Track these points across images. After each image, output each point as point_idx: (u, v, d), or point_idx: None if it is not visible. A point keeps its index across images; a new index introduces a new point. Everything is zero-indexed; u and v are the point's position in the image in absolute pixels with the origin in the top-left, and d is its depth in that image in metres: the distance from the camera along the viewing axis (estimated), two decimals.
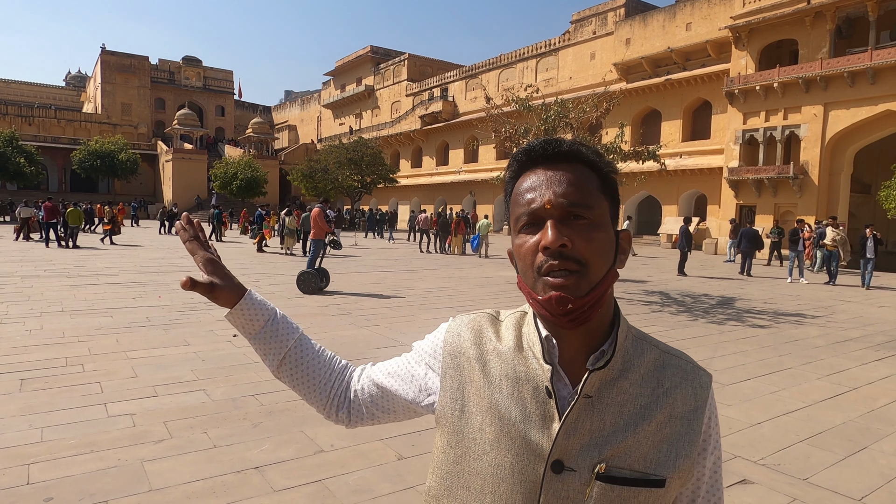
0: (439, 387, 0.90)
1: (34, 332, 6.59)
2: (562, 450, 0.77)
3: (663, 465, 0.78)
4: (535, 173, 0.81)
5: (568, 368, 0.82)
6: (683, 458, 0.79)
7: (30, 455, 3.39)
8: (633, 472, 0.77)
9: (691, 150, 29.14)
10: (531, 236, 0.78)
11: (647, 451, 0.78)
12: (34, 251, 17.15)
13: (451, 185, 42.88)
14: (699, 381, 0.84)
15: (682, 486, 0.81)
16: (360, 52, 55.65)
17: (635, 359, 0.82)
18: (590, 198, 0.79)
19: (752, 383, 5.45)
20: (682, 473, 0.79)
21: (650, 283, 13.59)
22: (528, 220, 0.79)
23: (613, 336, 0.82)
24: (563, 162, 0.81)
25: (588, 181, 0.80)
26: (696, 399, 0.82)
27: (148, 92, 58.99)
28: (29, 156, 39.69)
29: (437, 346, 0.93)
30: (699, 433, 0.81)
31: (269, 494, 3.04)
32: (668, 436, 0.79)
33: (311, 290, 10.35)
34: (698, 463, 0.82)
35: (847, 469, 3.61)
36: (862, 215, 25.78)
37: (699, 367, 0.86)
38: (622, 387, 0.80)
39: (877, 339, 7.79)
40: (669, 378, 0.83)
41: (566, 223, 0.77)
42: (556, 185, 0.78)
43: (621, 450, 0.77)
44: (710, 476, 0.85)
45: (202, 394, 4.61)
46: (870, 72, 21.42)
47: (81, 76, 77.21)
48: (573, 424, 0.78)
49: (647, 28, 31.12)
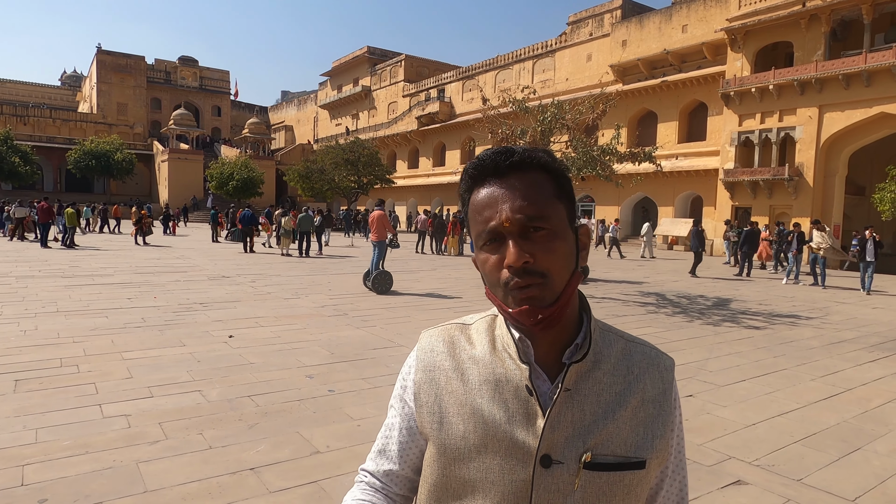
0: (415, 405, 0.89)
1: (29, 332, 6.56)
2: (549, 444, 0.79)
3: (642, 447, 0.81)
4: (489, 187, 0.81)
5: (544, 364, 0.83)
6: (659, 438, 0.83)
7: (24, 456, 3.38)
8: (617, 458, 0.80)
9: (687, 151, 29.23)
10: (493, 254, 0.80)
11: (627, 436, 0.81)
12: (28, 251, 17.08)
13: (448, 186, 42.86)
14: (664, 365, 0.88)
15: (660, 466, 0.85)
16: (356, 52, 55.62)
17: (605, 349, 0.85)
18: (546, 208, 0.79)
19: (746, 384, 5.47)
20: (660, 453, 0.83)
21: (646, 284, 13.62)
22: (489, 238, 0.80)
23: (585, 329, 0.84)
24: (516, 172, 0.81)
25: (543, 189, 0.80)
26: (664, 382, 0.86)
27: (144, 92, 58.85)
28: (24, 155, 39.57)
29: (410, 370, 0.92)
30: (670, 414, 0.85)
31: (264, 496, 3.03)
32: (643, 419, 0.83)
33: (384, 290, 10.62)
34: (669, 443, 0.86)
35: (841, 470, 3.63)
36: (856, 217, 25.91)
37: (662, 353, 0.90)
38: (597, 377, 0.83)
39: (871, 340, 7.82)
40: (637, 364, 0.86)
41: (526, 237, 0.78)
42: (511, 201, 0.78)
43: (603, 437, 0.80)
44: (675, 455, 0.88)
45: (198, 395, 4.60)
46: (864, 74, 21.54)
47: (77, 76, 76.91)
48: (556, 418, 0.80)
49: (644, 30, 31.21)
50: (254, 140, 51.96)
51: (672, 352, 6.66)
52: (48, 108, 56.62)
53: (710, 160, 27.80)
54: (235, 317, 7.93)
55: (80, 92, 69.86)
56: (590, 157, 12.04)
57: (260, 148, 52.55)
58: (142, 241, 21.48)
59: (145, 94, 59.08)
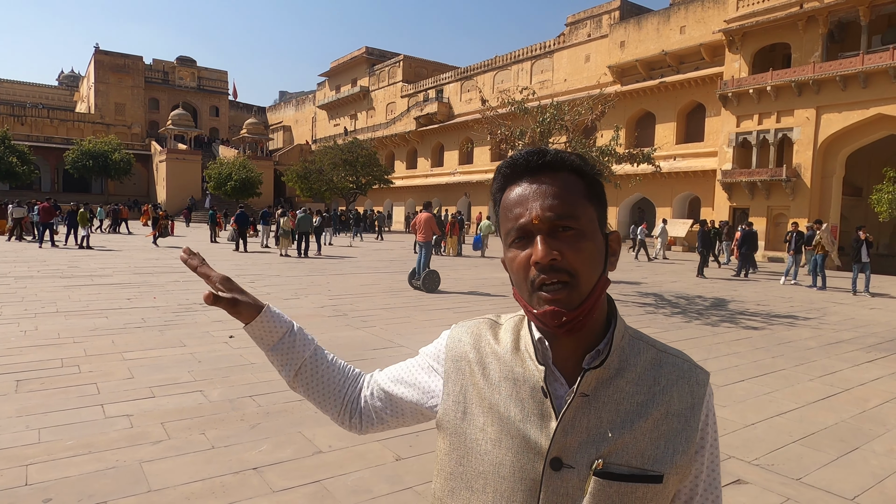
0: (442, 390, 0.93)
1: (29, 332, 6.56)
2: (560, 447, 0.79)
3: (660, 461, 0.79)
4: (521, 186, 0.83)
5: (564, 368, 0.84)
6: (681, 454, 0.81)
7: (27, 456, 3.39)
8: (631, 469, 0.79)
9: (685, 152, 29.30)
10: (521, 251, 0.81)
11: (645, 448, 0.80)
12: (27, 252, 17.06)
13: (446, 187, 42.91)
14: (696, 379, 0.85)
15: (680, 483, 0.83)
16: (355, 53, 55.64)
17: (632, 358, 0.84)
18: (576, 208, 0.80)
19: (745, 384, 5.50)
20: (680, 470, 0.81)
21: (644, 284, 13.66)
22: (518, 235, 0.81)
23: (609, 335, 0.84)
24: (547, 172, 0.82)
25: (573, 189, 0.81)
26: (693, 396, 0.84)
27: (142, 92, 58.77)
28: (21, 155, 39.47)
29: (440, 352, 0.96)
30: (696, 430, 0.83)
31: (268, 495, 3.05)
32: (665, 433, 0.81)
33: (433, 288, 11.02)
34: (695, 460, 0.84)
35: (839, 469, 3.66)
36: (854, 218, 25.99)
37: (697, 366, 0.87)
38: (618, 385, 0.82)
39: (868, 340, 7.86)
40: (666, 376, 0.84)
41: (554, 235, 0.79)
42: (542, 199, 0.80)
43: (618, 446, 0.79)
44: (708, 474, 0.86)
45: (199, 395, 4.62)
46: (861, 76, 21.62)
47: (74, 76, 76.80)
48: (570, 422, 0.80)
49: (642, 31, 31.28)
50: (252, 140, 51.91)
51: None
52: (45, 108, 56.52)
53: (708, 161, 27.88)
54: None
55: (78, 92, 69.75)
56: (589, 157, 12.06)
57: (258, 148, 52.50)
58: (155, 242, 21.13)
59: (143, 95, 59.00)
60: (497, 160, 38.27)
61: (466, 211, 40.64)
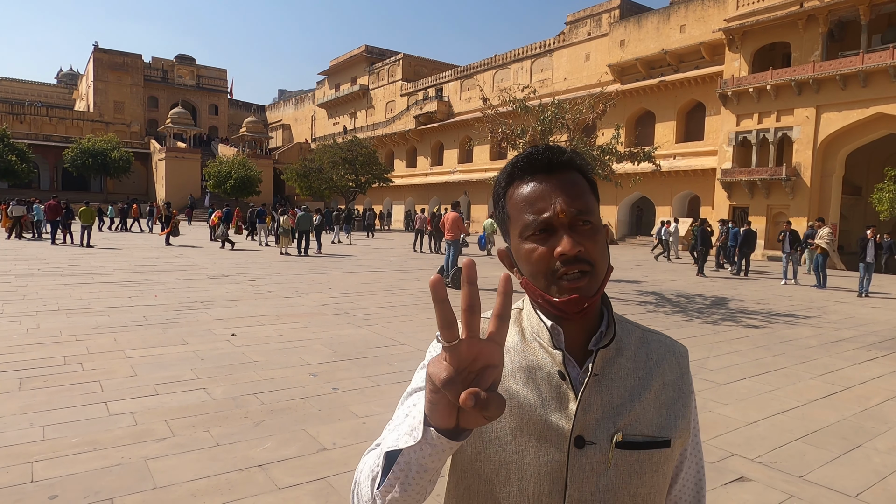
0: None
1: (31, 330, 6.57)
2: (581, 426, 0.84)
3: (666, 427, 0.87)
4: (538, 181, 0.86)
5: (571, 351, 0.88)
6: (681, 418, 0.89)
7: (32, 453, 3.39)
8: (645, 437, 0.85)
9: (685, 151, 29.32)
10: (541, 244, 0.84)
11: (652, 417, 0.87)
12: (27, 249, 17.04)
13: (446, 185, 42.90)
14: (679, 352, 0.94)
15: (682, 445, 0.90)
16: (354, 51, 55.58)
17: (625, 338, 0.90)
18: (590, 204, 0.86)
19: (747, 382, 5.51)
20: (682, 433, 0.89)
21: (644, 283, 13.67)
22: (540, 228, 0.84)
23: (609, 317, 0.89)
24: (562, 170, 0.87)
25: (584, 187, 0.87)
26: (680, 367, 0.93)
27: (141, 90, 58.67)
28: (20, 154, 39.43)
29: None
30: (689, 396, 0.92)
31: (273, 492, 3.06)
32: (665, 401, 0.89)
33: (461, 285, 10.71)
34: (690, 423, 0.92)
35: (842, 466, 3.67)
36: (853, 217, 26.04)
37: (675, 341, 0.96)
38: (620, 363, 0.88)
39: (869, 339, 7.88)
40: (655, 352, 0.92)
41: (574, 229, 0.83)
42: (564, 195, 0.84)
43: (631, 418, 0.85)
44: (693, 437, 0.95)
45: (203, 392, 4.62)
46: (861, 75, 21.64)
47: (73, 74, 76.67)
48: (587, 401, 0.84)
49: (642, 30, 31.28)
50: (251, 139, 51.84)
51: None
52: (44, 106, 56.33)
53: (708, 160, 27.90)
54: (237, 315, 7.95)
55: (77, 90, 69.62)
56: (589, 156, 12.09)
57: (257, 147, 52.43)
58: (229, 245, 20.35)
59: (142, 93, 58.91)
60: (497, 159, 38.27)
61: (466, 210, 40.65)
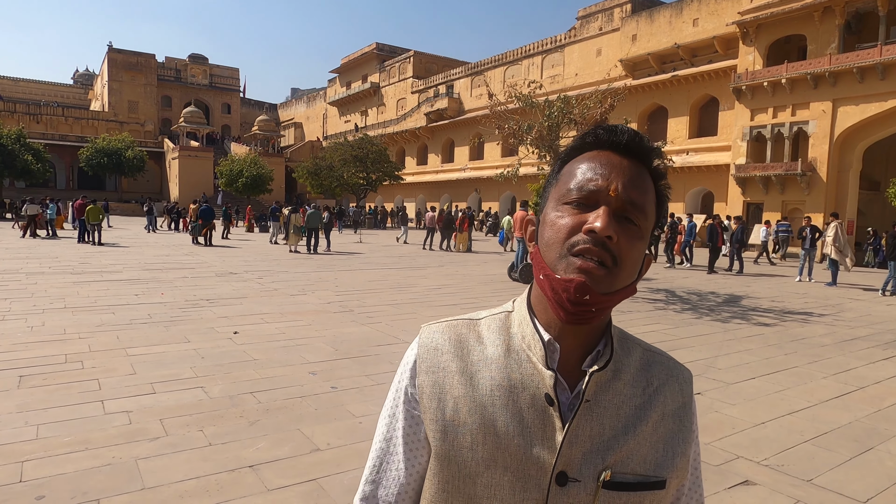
0: (420, 411, 0.81)
1: (36, 328, 6.59)
2: (566, 460, 0.73)
3: (662, 465, 0.76)
4: (606, 156, 0.76)
5: (562, 371, 0.76)
6: (680, 455, 0.78)
7: (24, 452, 3.37)
8: (637, 477, 0.74)
9: (698, 147, 28.94)
10: (574, 215, 0.73)
11: (647, 454, 0.76)
12: (40, 248, 17.23)
13: (457, 183, 42.80)
14: (683, 378, 0.83)
15: (679, 484, 0.79)
16: (365, 49, 55.62)
17: (624, 358, 0.79)
18: (648, 206, 0.75)
19: (756, 382, 5.37)
20: (679, 472, 0.78)
21: (655, 280, 13.49)
22: (582, 197, 0.73)
23: (608, 335, 0.78)
24: (636, 160, 0.76)
25: (650, 187, 0.77)
26: (683, 395, 0.81)
27: (154, 90, 59.22)
28: (36, 153, 39.87)
29: (406, 374, 0.82)
30: (690, 429, 0.80)
31: (262, 494, 3.00)
32: (663, 435, 0.77)
33: (531, 279, 10.73)
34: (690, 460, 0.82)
35: (853, 470, 3.54)
36: (871, 213, 25.53)
37: (679, 364, 0.85)
38: (617, 388, 0.77)
39: (885, 337, 7.68)
40: (657, 376, 0.80)
41: (617, 220, 0.72)
42: (627, 178, 0.74)
43: (623, 454, 0.74)
44: (693, 472, 0.83)
45: (200, 391, 4.59)
46: (879, 67, 21.19)
47: (89, 74, 77.58)
48: (574, 432, 0.73)
49: (654, 24, 30.91)
50: (263, 137, 52.11)
51: (680, 349, 6.57)
52: (60, 107, 57.06)
53: (722, 155, 27.51)
54: (241, 313, 7.93)
55: (92, 90, 70.47)
56: None
57: (269, 145, 52.70)
58: (202, 241, 20.32)
59: (156, 92, 59.45)
60: (508, 156, 38.04)
61: (477, 206, 40.51)
